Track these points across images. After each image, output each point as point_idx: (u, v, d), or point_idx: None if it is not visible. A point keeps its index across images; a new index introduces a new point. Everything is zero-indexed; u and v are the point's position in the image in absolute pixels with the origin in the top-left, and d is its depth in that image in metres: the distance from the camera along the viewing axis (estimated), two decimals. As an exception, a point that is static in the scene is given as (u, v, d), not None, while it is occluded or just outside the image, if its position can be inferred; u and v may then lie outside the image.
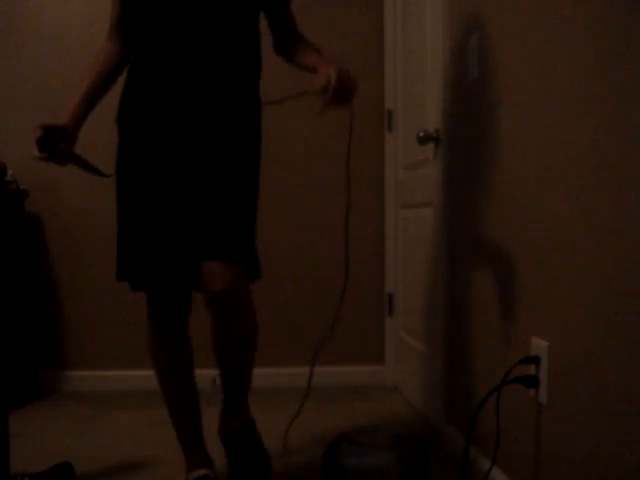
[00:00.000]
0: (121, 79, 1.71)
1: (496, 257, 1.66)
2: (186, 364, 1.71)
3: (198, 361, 1.85)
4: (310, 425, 2.35)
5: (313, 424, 2.37)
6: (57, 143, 1.49)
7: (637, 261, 1.05)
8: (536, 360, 1.40)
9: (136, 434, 2.26)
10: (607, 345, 1.14)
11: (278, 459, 2.00)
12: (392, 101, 2.94)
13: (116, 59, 1.66)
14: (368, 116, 3.00)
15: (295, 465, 1.95)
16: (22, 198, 2.76)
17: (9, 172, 2.63)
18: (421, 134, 2.18)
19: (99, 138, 2.63)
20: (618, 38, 1.10)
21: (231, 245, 1.53)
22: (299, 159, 2.99)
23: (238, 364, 1.69)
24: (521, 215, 1.50)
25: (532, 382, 1.41)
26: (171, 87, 1.55)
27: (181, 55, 1.53)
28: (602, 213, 1.15)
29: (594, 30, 1.18)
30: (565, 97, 1.29)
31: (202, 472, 1.68)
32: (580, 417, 1.23)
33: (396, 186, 2.92)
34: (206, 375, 2.43)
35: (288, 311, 2.99)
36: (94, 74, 1.64)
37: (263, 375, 2.93)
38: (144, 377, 2.90)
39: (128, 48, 1.66)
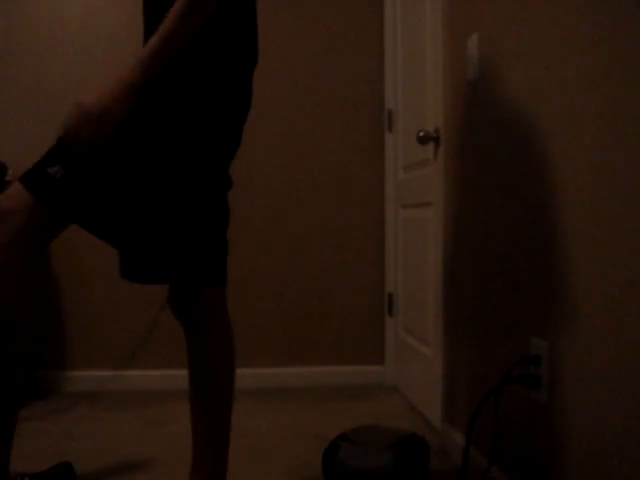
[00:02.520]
0: None
1: (496, 257, 1.66)
2: None
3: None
4: (310, 425, 2.35)
5: (313, 424, 2.37)
6: None
7: (636, 258, 1.05)
8: (536, 360, 1.40)
9: (136, 434, 2.26)
10: (607, 344, 1.14)
11: (278, 459, 2.00)
12: (392, 101, 2.94)
13: None
14: (368, 116, 3.00)
15: (295, 465, 1.95)
16: (22, 198, 2.75)
17: (9, 172, 2.63)
18: (421, 134, 2.18)
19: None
20: (625, 44, 1.10)
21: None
22: (300, 159, 2.99)
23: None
24: (521, 214, 1.50)
25: (532, 382, 1.41)
26: None
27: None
28: (600, 211, 1.15)
29: (595, 27, 1.18)
30: (563, 96, 1.29)
31: None
32: (580, 417, 1.23)
33: (396, 186, 2.92)
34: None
35: (286, 311, 2.99)
36: None
37: (264, 375, 2.93)
38: (143, 377, 2.90)
39: None
